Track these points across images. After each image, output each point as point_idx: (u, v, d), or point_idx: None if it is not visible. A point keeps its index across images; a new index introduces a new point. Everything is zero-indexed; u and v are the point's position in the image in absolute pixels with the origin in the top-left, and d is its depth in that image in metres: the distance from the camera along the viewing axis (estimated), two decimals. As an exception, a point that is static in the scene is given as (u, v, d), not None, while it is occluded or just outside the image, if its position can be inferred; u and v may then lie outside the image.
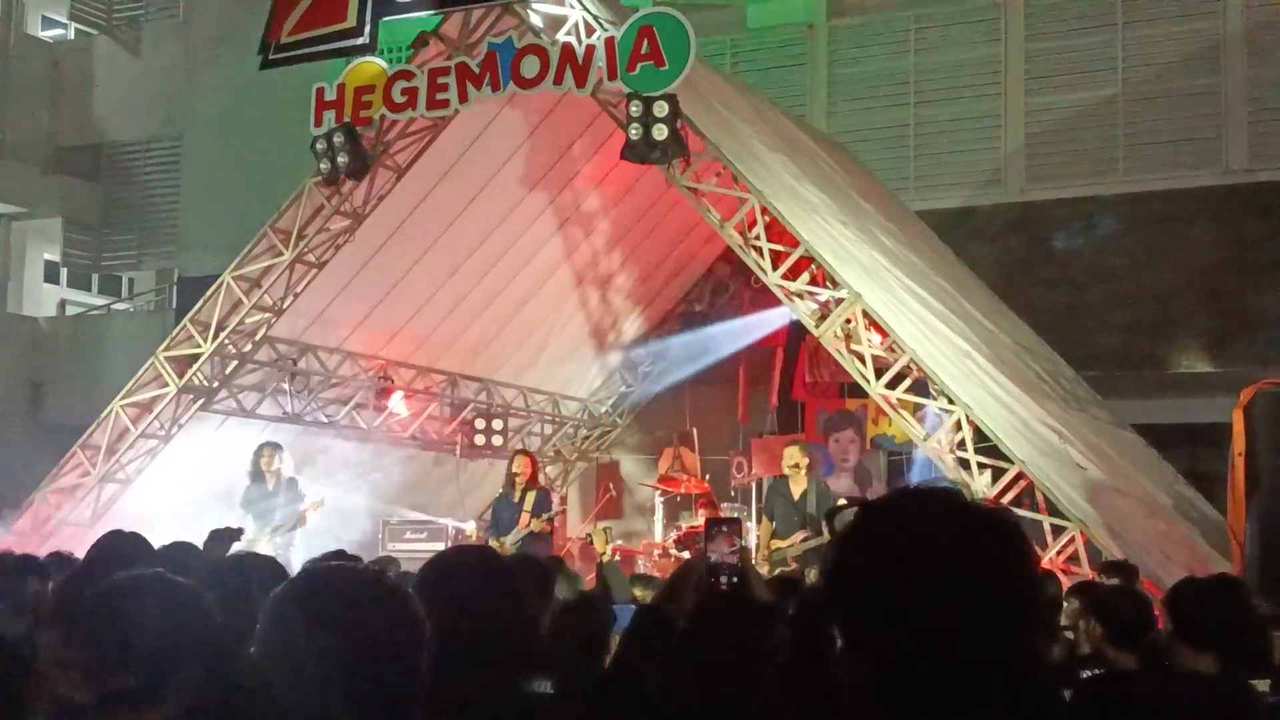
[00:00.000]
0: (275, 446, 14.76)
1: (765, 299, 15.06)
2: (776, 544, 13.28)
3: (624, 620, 5.00)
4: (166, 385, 14.74)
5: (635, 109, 11.86)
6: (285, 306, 14.71)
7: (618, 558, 14.52)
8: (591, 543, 14.64)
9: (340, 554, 7.52)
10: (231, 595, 4.03)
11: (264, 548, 13.22)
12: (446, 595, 3.14)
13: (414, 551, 14.73)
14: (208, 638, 3.35)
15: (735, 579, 4.19)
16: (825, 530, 12.23)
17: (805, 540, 13.10)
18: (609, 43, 12.06)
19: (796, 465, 13.53)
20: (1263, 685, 4.44)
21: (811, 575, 12.38)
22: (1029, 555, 1.98)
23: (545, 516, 14.32)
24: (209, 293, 14.67)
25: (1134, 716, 3.04)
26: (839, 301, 11.99)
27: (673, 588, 4.28)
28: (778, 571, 12.63)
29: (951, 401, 11.69)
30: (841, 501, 13.13)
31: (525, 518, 14.14)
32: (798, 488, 13.48)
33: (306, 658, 2.49)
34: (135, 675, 3.28)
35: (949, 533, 1.93)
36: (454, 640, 3.03)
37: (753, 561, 12.05)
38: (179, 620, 3.32)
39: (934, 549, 1.91)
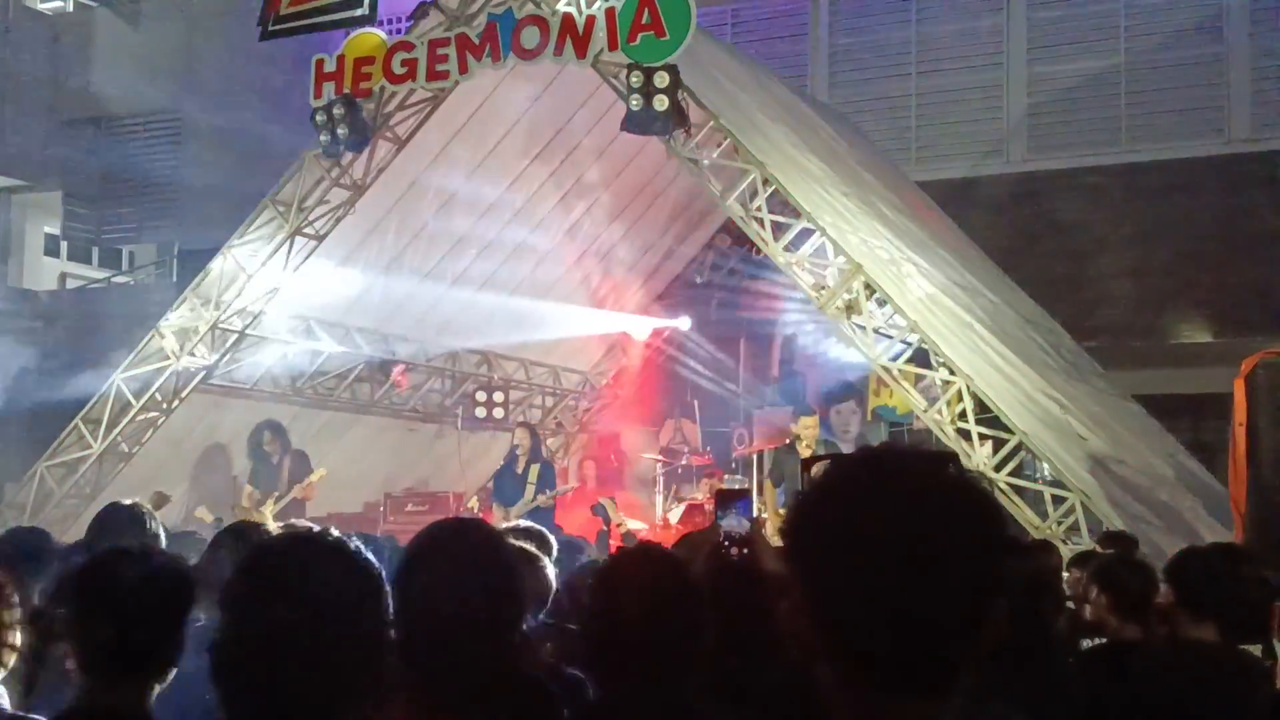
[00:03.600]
0: (275, 426, 14.79)
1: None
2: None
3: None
4: (168, 358, 14.74)
5: (636, 80, 11.82)
6: (286, 279, 14.70)
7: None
8: (606, 516, 14.69)
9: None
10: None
11: (268, 515, 13.35)
12: (437, 565, 3.15)
13: (416, 524, 14.74)
14: (188, 611, 3.38)
15: (746, 549, 4.19)
16: (802, 480, 12.15)
17: None
18: (609, 13, 12.02)
19: (809, 435, 13.38)
20: (1255, 650, 4.45)
21: None
22: (993, 525, 1.94)
23: (554, 493, 14.32)
24: (209, 266, 14.65)
25: (1134, 685, 3.03)
26: (841, 272, 11.96)
27: (685, 557, 4.27)
28: None
29: (953, 372, 11.68)
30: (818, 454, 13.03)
31: (530, 490, 14.15)
32: (807, 453, 13.33)
33: (259, 626, 2.49)
34: (128, 647, 3.30)
35: (908, 494, 1.90)
36: (444, 609, 3.04)
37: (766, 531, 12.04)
38: (167, 592, 3.34)
39: (891, 509, 1.88)
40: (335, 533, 2.76)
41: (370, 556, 2.66)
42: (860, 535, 1.88)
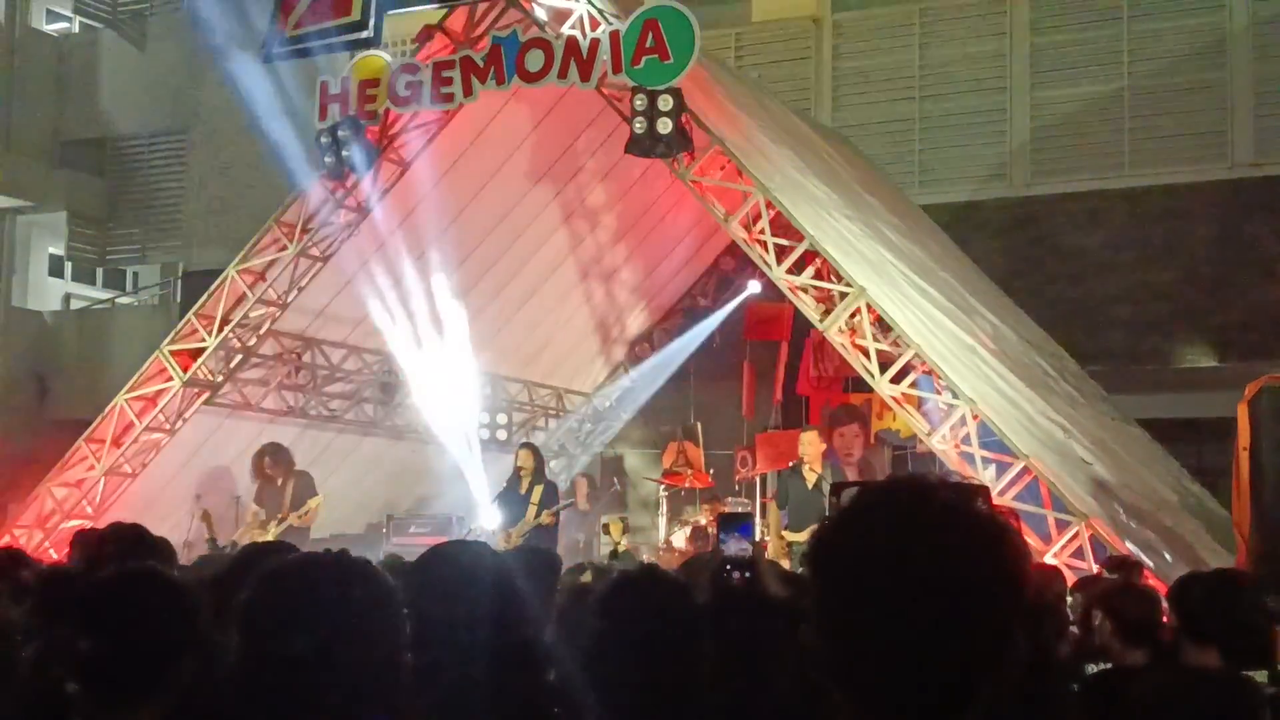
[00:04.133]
0: (275, 449, 14.78)
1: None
2: (790, 536, 13.08)
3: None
4: (171, 379, 14.74)
5: (640, 103, 11.85)
6: (290, 300, 14.73)
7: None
8: (609, 533, 14.68)
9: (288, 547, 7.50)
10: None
11: (269, 537, 13.35)
12: (441, 589, 3.14)
13: (418, 545, 14.73)
14: (197, 634, 3.36)
15: (748, 574, 4.18)
16: (830, 506, 12.09)
17: None
18: (614, 36, 12.05)
19: (812, 452, 13.36)
20: (1261, 677, 4.44)
21: None
22: (1019, 562, 1.94)
23: (555, 508, 14.31)
24: (214, 286, 14.68)
25: (1134, 712, 3.04)
26: (844, 296, 11.97)
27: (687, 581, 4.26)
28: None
29: (956, 396, 11.67)
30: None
31: (532, 511, 14.13)
32: (812, 475, 13.35)
33: (278, 650, 2.49)
34: (127, 670, 3.29)
35: (934, 526, 1.90)
36: (449, 633, 3.03)
37: (766, 553, 12.01)
38: (169, 616, 3.32)
39: (916, 541, 1.88)
40: (350, 553, 2.76)
41: (387, 578, 2.67)
42: (883, 565, 1.88)
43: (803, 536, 12.89)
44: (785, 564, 12.03)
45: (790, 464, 13.83)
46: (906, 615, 1.85)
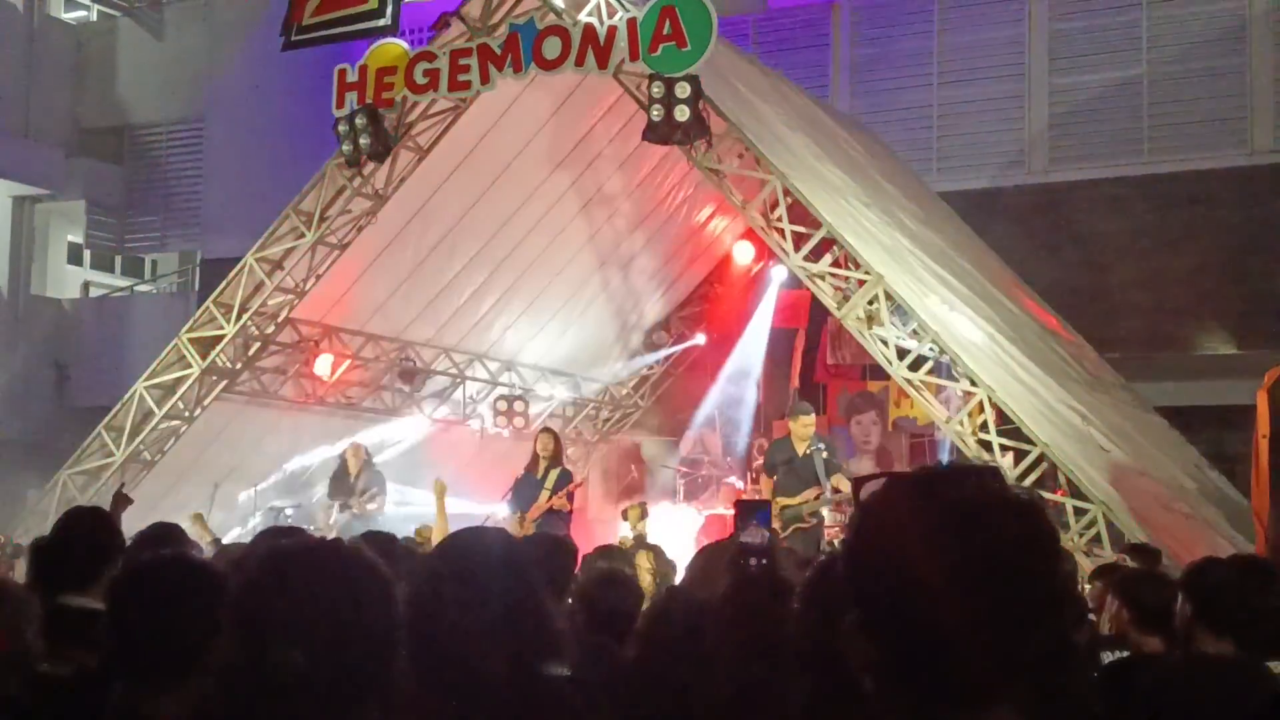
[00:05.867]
0: (359, 447, 15.33)
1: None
2: (784, 501, 13.00)
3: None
4: (190, 367, 14.79)
5: (657, 90, 11.83)
6: (308, 288, 14.76)
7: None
8: (627, 519, 14.66)
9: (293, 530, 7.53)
10: None
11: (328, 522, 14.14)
12: (457, 578, 3.13)
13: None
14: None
15: (764, 561, 4.18)
16: (851, 498, 12.06)
17: (818, 498, 12.85)
18: (631, 23, 12.03)
19: (802, 433, 13.31)
20: (1278, 667, 4.41)
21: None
22: (1055, 544, 1.96)
23: (565, 489, 14.27)
24: (232, 274, 14.71)
25: (1151, 700, 3.03)
26: (861, 283, 11.95)
27: (703, 570, 4.27)
28: (791, 529, 12.55)
29: (974, 383, 11.65)
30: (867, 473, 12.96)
31: (545, 495, 14.12)
32: (801, 445, 13.28)
33: (268, 635, 2.51)
34: (159, 657, 3.30)
35: (977, 515, 1.92)
36: (464, 623, 3.03)
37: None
38: (202, 603, 3.33)
39: (959, 531, 1.90)
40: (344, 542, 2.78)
41: (383, 568, 2.68)
42: (916, 554, 1.90)
43: (796, 500, 12.87)
44: (777, 525, 12.00)
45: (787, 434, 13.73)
46: (947, 602, 1.86)
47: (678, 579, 8.36)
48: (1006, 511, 1.94)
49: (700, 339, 18.80)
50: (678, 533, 15.74)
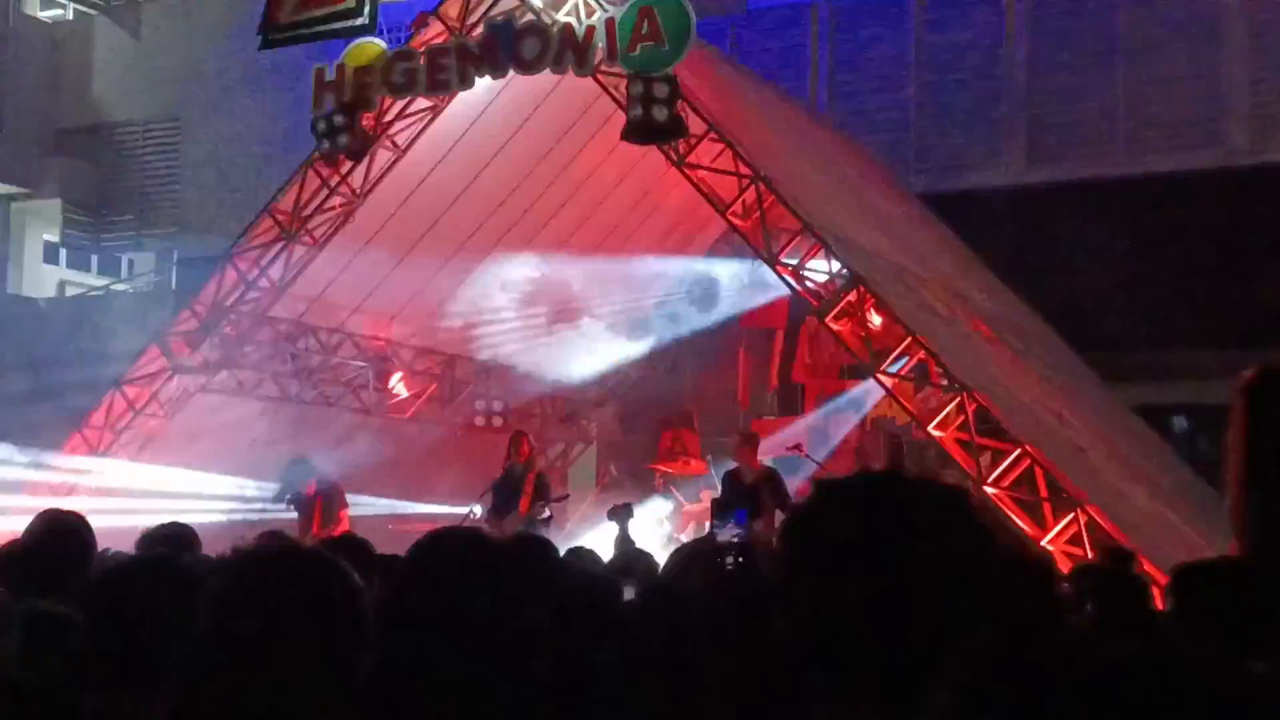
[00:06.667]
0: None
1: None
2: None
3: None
4: (167, 366, 14.73)
5: (636, 89, 11.82)
6: (285, 287, 14.71)
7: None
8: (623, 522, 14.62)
9: (274, 534, 7.49)
10: None
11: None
12: (431, 578, 3.12)
13: (415, 531, 14.73)
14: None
15: (741, 558, 4.19)
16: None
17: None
18: (609, 23, 12.01)
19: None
20: (1260, 667, 4.42)
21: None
22: (978, 535, 2.01)
23: (545, 513, 14.16)
24: (209, 273, 14.65)
25: (1130, 700, 3.03)
26: (840, 283, 11.95)
27: (682, 567, 4.27)
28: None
29: (953, 383, 11.66)
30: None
31: (525, 501, 14.07)
32: (749, 475, 13.26)
33: (229, 630, 2.51)
34: (135, 660, 3.27)
35: (898, 515, 1.97)
36: (439, 623, 3.02)
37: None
38: (180, 605, 3.30)
39: (881, 531, 1.95)
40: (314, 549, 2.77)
41: (353, 578, 2.66)
42: (852, 545, 1.96)
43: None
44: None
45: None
46: (874, 592, 1.92)
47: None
48: (934, 507, 2.00)
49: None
50: (658, 530, 15.75)
